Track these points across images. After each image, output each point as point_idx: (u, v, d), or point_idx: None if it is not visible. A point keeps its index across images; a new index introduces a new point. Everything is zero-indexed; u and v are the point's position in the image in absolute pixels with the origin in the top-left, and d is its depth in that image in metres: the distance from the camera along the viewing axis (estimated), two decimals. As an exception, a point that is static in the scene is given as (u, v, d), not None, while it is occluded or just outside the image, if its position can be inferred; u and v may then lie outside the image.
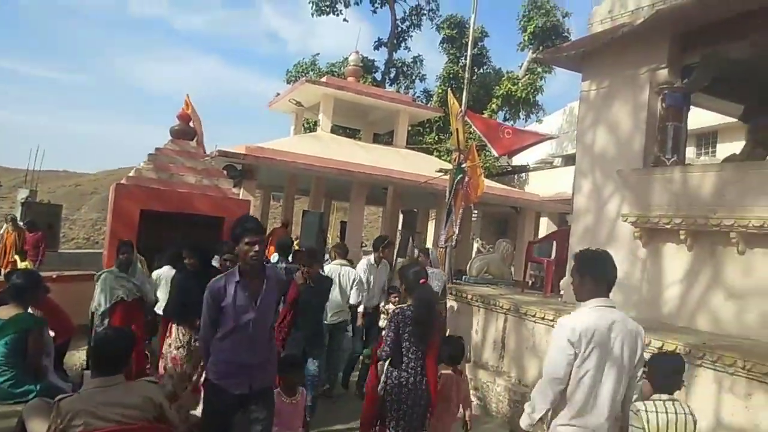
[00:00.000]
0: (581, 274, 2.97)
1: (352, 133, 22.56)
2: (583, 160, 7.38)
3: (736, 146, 8.26)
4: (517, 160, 22.04)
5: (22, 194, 18.21)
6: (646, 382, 3.00)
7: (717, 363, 4.49)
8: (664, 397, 2.93)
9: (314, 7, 24.85)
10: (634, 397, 2.96)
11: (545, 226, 19.68)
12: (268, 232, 12.60)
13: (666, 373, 3.00)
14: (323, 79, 18.41)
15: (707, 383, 4.59)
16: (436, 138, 22.28)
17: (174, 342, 4.77)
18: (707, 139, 18.28)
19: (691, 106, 7.88)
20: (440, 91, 22.80)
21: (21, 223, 12.61)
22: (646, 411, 2.84)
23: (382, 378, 4.04)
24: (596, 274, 2.95)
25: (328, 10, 24.87)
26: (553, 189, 18.02)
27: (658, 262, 6.16)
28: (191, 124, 10.65)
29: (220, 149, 12.91)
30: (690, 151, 18.76)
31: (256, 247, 3.35)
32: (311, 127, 21.82)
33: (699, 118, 9.78)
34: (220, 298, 3.31)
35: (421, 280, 4.23)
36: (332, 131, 17.87)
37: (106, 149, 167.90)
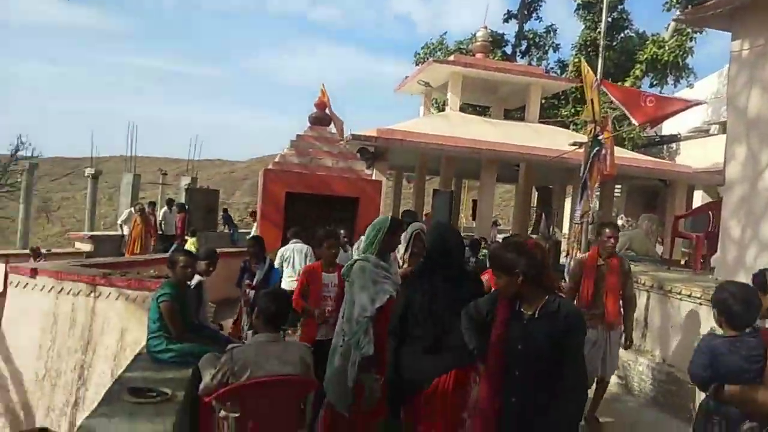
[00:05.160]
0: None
1: (482, 111, 22.26)
2: (735, 125, 6.72)
3: None
4: (667, 129, 20.35)
5: (185, 181, 20.57)
6: None
7: None
8: None
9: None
10: None
11: (699, 201, 18.02)
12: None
13: None
14: (451, 58, 18.35)
15: None
16: (573, 110, 21.25)
17: None
18: None
19: None
20: (576, 60, 21.64)
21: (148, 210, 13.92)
22: None
23: None
24: None
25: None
26: (709, 160, 16.41)
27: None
28: (327, 111, 11.28)
29: (353, 133, 13.50)
30: None
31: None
32: (440, 107, 21.88)
33: None
34: None
35: None
36: (461, 109, 17.79)
37: (253, 138, 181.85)
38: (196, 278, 4.64)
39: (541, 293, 2.66)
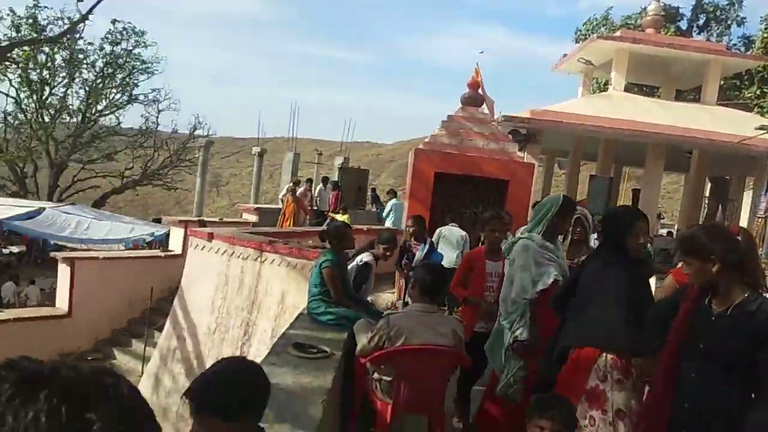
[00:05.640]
0: None
1: (649, 91, 20.51)
2: None
3: None
4: None
5: (338, 161, 21.65)
6: None
7: None
8: None
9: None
10: None
11: None
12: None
13: None
14: (617, 33, 17.06)
15: None
16: (759, 91, 18.78)
17: None
18: None
19: None
20: (765, 35, 19.06)
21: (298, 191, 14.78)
22: None
23: None
24: None
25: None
26: None
27: None
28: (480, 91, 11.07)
29: (505, 114, 13.12)
30: None
31: None
32: (601, 87, 20.54)
33: None
34: None
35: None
36: (626, 89, 16.48)
37: (399, 121, 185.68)
38: (367, 257, 4.77)
39: (741, 288, 2.23)
